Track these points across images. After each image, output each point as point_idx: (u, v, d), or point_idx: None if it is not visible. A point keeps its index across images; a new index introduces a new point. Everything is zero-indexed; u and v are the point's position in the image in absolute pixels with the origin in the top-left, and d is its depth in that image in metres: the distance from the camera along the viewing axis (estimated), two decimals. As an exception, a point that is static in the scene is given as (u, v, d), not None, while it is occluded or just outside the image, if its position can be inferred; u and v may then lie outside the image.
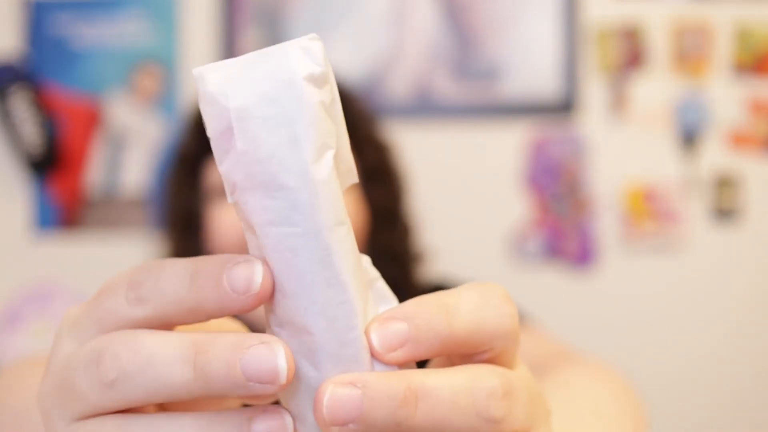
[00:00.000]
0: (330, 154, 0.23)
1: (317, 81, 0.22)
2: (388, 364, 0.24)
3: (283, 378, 0.21)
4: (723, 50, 1.36)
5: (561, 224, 1.36)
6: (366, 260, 0.26)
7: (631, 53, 1.37)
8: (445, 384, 0.23)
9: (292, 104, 0.22)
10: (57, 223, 1.38)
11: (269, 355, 0.21)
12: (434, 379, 0.23)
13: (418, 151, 1.32)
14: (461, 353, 0.25)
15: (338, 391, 0.21)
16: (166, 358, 0.22)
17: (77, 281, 1.37)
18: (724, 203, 1.36)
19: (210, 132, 0.23)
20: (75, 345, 0.24)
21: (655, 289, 1.36)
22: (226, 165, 0.23)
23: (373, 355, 0.23)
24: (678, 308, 1.36)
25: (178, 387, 0.22)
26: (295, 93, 0.22)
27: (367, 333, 0.23)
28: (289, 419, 0.22)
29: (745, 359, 1.35)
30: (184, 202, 0.80)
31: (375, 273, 0.26)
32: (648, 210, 1.36)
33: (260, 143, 0.22)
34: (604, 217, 1.36)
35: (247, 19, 1.38)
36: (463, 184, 1.37)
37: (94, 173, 1.38)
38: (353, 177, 0.26)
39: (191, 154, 0.79)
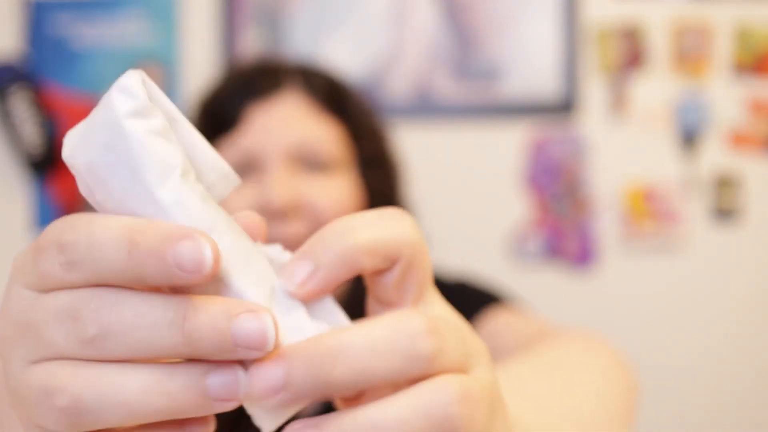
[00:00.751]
0: (175, 173, 0.24)
1: (140, 113, 0.24)
2: (305, 298, 0.26)
3: (270, 346, 0.22)
4: (723, 50, 1.36)
5: (561, 224, 1.36)
6: (274, 251, 0.28)
7: (631, 53, 1.37)
8: (363, 334, 0.24)
9: (121, 143, 0.23)
10: (57, 223, 1.38)
11: (258, 324, 0.22)
12: (350, 333, 0.24)
13: (418, 151, 1.32)
14: (375, 268, 0.27)
15: (261, 371, 0.23)
16: (154, 322, 0.22)
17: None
18: (724, 203, 1.36)
19: (82, 192, 0.25)
20: (27, 294, 0.24)
21: (655, 289, 1.36)
22: None
23: (296, 297, 0.25)
24: (678, 308, 1.36)
25: (164, 349, 0.22)
26: (120, 132, 0.23)
27: (281, 282, 0.25)
28: (242, 374, 0.23)
29: (745, 359, 1.35)
30: None
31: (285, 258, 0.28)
32: (648, 210, 1.36)
33: (112, 189, 0.24)
34: (604, 217, 1.36)
35: (247, 19, 1.38)
36: (463, 184, 1.37)
37: (94, 173, 1.38)
38: (232, 180, 0.27)
39: None
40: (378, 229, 0.26)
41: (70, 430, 0.23)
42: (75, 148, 0.24)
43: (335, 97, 0.77)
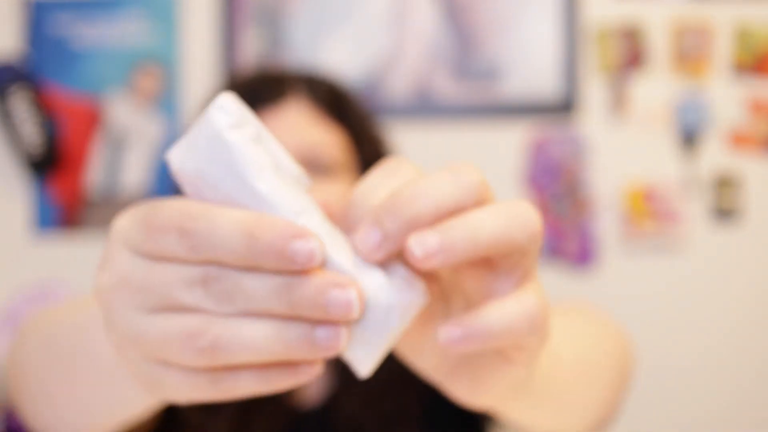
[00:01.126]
0: (268, 170, 0.30)
1: (235, 126, 0.29)
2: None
3: (355, 314, 0.28)
4: (723, 50, 1.36)
5: (561, 224, 1.36)
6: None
7: (631, 53, 1.37)
8: (423, 180, 0.31)
9: (224, 151, 0.29)
10: (57, 223, 1.38)
11: (345, 296, 0.28)
12: (414, 183, 0.30)
13: (418, 151, 1.32)
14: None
15: (362, 238, 0.30)
16: (265, 294, 0.28)
17: (77, 281, 1.37)
18: (724, 203, 1.36)
19: (189, 194, 0.31)
20: (138, 259, 0.30)
21: (655, 289, 1.36)
22: None
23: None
24: (678, 308, 1.36)
25: (276, 312, 0.28)
26: (222, 141, 0.29)
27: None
28: (344, 330, 0.29)
29: (746, 359, 1.35)
30: None
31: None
32: (648, 210, 1.36)
33: (219, 188, 0.30)
34: (604, 217, 1.36)
35: (247, 19, 1.38)
36: (463, 184, 1.37)
37: (94, 173, 1.38)
38: (305, 182, 0.33)
39: None
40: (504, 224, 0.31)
41: (202, 364, 0.29)
42: (182, 158, 0.30)
43: (337, 104, 0.80)
